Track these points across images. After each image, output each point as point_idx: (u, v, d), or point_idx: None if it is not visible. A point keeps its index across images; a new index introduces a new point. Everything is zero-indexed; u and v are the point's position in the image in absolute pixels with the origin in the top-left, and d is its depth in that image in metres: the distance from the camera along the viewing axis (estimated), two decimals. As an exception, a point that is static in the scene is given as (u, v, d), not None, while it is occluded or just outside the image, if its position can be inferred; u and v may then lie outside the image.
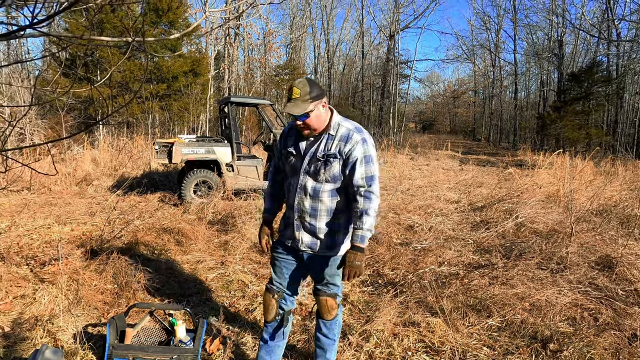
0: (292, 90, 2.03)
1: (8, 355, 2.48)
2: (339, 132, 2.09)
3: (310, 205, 2.11)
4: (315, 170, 2.09)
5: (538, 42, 29.12)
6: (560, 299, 3.26)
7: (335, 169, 2.07)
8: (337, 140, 2.08)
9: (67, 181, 7.97)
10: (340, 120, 2.14)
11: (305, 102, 2.01)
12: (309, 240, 2.16)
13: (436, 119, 45.77)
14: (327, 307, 2.25)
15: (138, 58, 13.73)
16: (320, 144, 2.10)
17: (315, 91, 2.03)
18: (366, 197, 2.03)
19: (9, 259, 3.84)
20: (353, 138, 2.07)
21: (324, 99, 2.07)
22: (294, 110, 2.01)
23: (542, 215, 5.55)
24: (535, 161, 11.66)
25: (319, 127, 2.09)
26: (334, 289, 2.25)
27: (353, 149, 2.05)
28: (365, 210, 2.01)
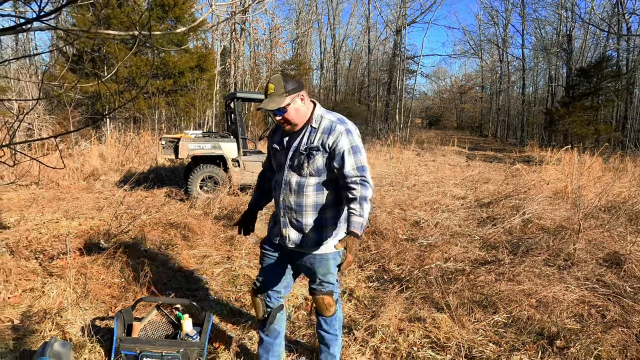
0: (268, 86, 2.01)
1: (18, 348, 2.52)
2: (322, 124, 2.05)
3: (295, 201, 2.07)
4: (299, 164, 2.05)
5: (547, 36, 28.85)
6: (568, 296, 3.24)
7: (319, 162, 2.02)
8: (319, 133, 2.03)
9: (75, 176, 8.03)
10: (323, 112, 2.10)
11: (280, 97, 1.97)
12: (295, 236, 2.12)
13: (443, 115, 45.50)
14: (325, 304, 2.23)
15: (145, 54, 13.77)
16: (303, 137, 2.06)
17: (290, 85, 1.99)
18: (362, 185, 1.97)
19: (18, 252, 3.88)
20: (336, 129, 2.02)
21: (301, 92, 2.03)
22: (269, 106, 1.98)
23: (550, 211, 5.51)
24: (543, 157, 11.56)
25: (299, 121, 2.05)
26: (329, 286, 2.22)
27: (338, 141, 2.00)
28: (364, 198, 1.95)
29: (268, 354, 2.33)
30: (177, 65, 13.57)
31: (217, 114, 15.75)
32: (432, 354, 2.63)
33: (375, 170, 10.28)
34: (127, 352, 2.37)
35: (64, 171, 7.93)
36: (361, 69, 33.00)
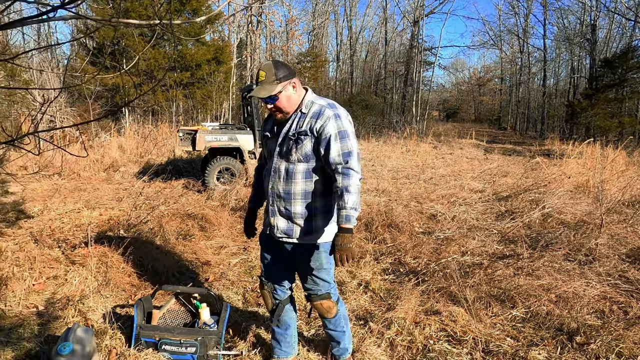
0: (258, 73, 1.96)
1: (42, 333, 2.60)
2: (312, 109, 2.00)
3: (284, 189, 2.02)
4: (287, 150, 2.00)
5: (569, 26, 28.03)
6: (588, 291, 3.18)
7: (307, 148, 1.97)
8: (308, 118, 1.98)
9: (95, 167, 8.20)
10: (314, 98, 2.04)
11: (271, 84, 1.93)
12: (284, 226, 2.07)
13: (460, 107, 44.81)
14: (324, 309, 2.18)
15: (162, 46, 13.91)
16: (293, 123, 2.01)
17: (282, 72, 1.94)
18: (344, 174, 1.91)
19: (42, 241, 3.99)
20: (325, 114, 1.96)
21: (293, 79, 1.98)
22: (260, 93, 1.93)
23: (571, 205, 5.40)
24: (564, 151, 11.31)
25: (291, 109, 2.01)
26: (325, 286, 2.13)
27: (325, 125, 1.94)
28: (345, 188, 1.89)
29: (280, 345, 2.35)
30: (194, 57, 13.67)
31: (233, 106, 15.84)
32: (449, 348, 2.62)
33: (391, 163, 10.21)
34: (147, 339, 2.42)
35: (85, 162, 8.11)
36: (378, 61, 32.67)
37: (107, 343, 2.48)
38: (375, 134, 16.90)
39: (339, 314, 2.24)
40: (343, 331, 2.31)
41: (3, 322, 2.67)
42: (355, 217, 1.90)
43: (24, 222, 4.67)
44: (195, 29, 13.68)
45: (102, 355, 2.39)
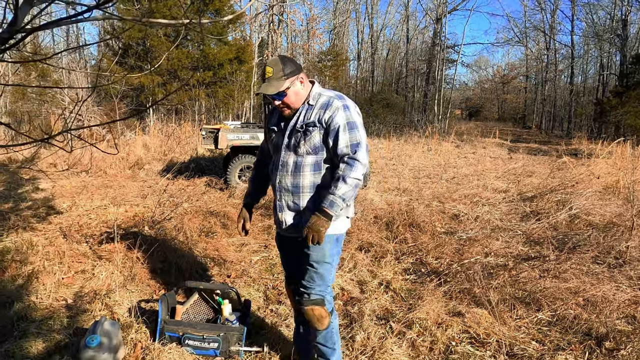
0: (264, 70, 1.92)
1: (71, 325, 2.68)
2: (319, 100, 1.97)
3: (292, 182, 1.99)
4: (295, 143, 1.96)
5: (599, 22, 27.13)
6: (618, 295, 3.08)
7: (315, 139, 1.94)
8: (316, 109, 1.95)
9: (121, 165, 8.40)
10: (321, 90, 2.02)
11: (279, 80, 1.89)
12: (292, 220, 2.03)
13: (483, 106, 43.98)
14: (315, 316, 2.03)
15: (186, 46, 14.14)
16: (300, 115, 1.98)
17: (289, 67, 1.91)
18: (348, 164, 1.88)
19: (71, 236, 4.12)
20: (333, 104, 1.93)
21: (300, 75, 1.95)
22: (268, 90, 1.89)
23: (599, 207, 5.24)
24: (592, 150, 10.96)
25: (299, 104, 1.98)
26: (321, 285, 2.02)
27: (334, 115, 1.91)
28: (344, 177, 1.87)
29: (303, 342, 2.33)
30: (216, 57, 13.85)
31: (254, 105, 15.97)
32: (472, 350, 2.58)
33: (412, 162, 10.11)
34: (171, 334, 2.47)
35: (111, 160, 8.32)
36: (399, 59, 32.40)
37: (132, 336, 2.54)
38: (397, 133, 16.76)
39: (331, 327, 2.11)
40: (333, 348, 2.15)
41: (34, 314, 2.77)
42: (339, 208, 1.88)
43: (54, 218, 4.82)
44: (217, 29, 13.86)
45: (127, 348, 2.45)
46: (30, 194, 5.89)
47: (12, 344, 2.42)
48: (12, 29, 0.66)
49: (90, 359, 2.15)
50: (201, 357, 2.46)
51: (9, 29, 0.66)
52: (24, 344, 2.43)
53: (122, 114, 11.55)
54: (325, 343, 2.14)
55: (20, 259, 3.48)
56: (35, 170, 6.85)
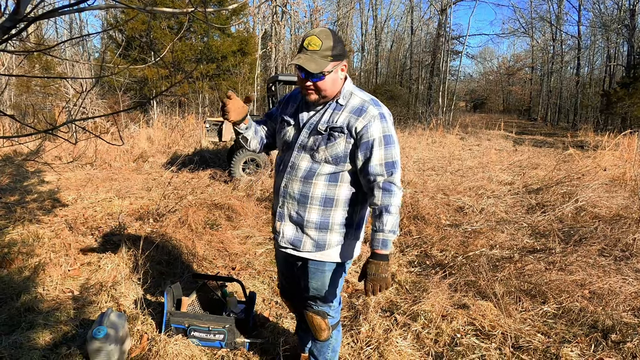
0: (309, 40, 1.56)
1: (77, 317, 2.69)
2: (351, 102, 1.66)
3: (300, 190, 1.70)
4: (313, 145, 1.66)
5: (606, 12, 26.76)
6: (625, 288, 3.06)
7: (339, 147, 1.64)
8: (346, 112, 1.64)
9: (125, 158, 8.42)
10: (353, 89, 1.71)
11: (324, 60, 1.56)
12: (291, 234, 1.76)
13: (488, 98, 43.67)
14: (314, 325, 1.88)
15: (189, 38, 14.09)
16: (324, 114, 1.67)
17: (338, 49, 1.59)
18: (385, 190, 1.61)
19: (76, 229, 4.14)
20: (368, 111, 1.62)
21: (344, 62, 1.64)
22: (309, 66, 1.54)
23: (606, 199, 5.20)
24: (598, 142, 10.88)
25: (331, 94, 1.66)
26: (323, 307, 1.86)
27: (369, 126, 1.60)
28: (386, 207, 1.60)
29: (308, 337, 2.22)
30: (220, 49, 13.80)
31: (258, 98, 15.92)
32: (477, 342, 2.57)
33: (417, 155, 10.07)
34: (177, 326, 2.48)
35: (116, 153, 8.34)
36: (403, 50, 32.15)
37: (138, 328, 2.56)
38: (401, 125, 16.69)
39: (329, 342, 1.95)
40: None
41: (41, 306, 2.79)
42: (392, 242, 1.64)
43: (59, 210, 4.84)
44: (221, 20, 13.79)
45: (134, 339, 2.46)
46: (36, 187, 5.92)
47: (19, 335, 2.44)
48: (14, 17, 0.65)
49: (97, 349, 2.16)
50: (207, 349, 2.47)
51: (12, 18, 0.65)
52: (31, 335, 2.45)
53: (126, 106, 11.56)
54: (317, 355, 2.00)
55: (27, 251, 3.50)
56: (41, 163, 6.87)
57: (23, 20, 0.65)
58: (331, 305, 1.88)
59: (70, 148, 8.24)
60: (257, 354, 2.44)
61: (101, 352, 2.17)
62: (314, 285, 1.81)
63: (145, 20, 11.88)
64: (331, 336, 1.93)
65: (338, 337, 2.01)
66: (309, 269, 1.80)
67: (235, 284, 3.02)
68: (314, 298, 1.85)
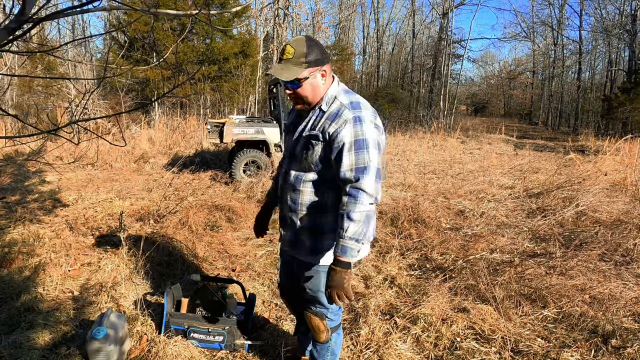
0: (284, 49, 1.60)
1: (77, 317, 2.69)
2: (331, 107, 1.65)
3: (292, 197, 1.73)
4: (299, 153, 1.69)
5: (608, 17, 26.80)
6: (625, 293, 3.06)
7: (317, 154, 1.63)
8: (324, 118, 1.64)
9: (126, 158, 8.43)
10: (337, 92, 1.68)
11: (298, 66, 1.58)
12: (291, 238, 1.82)
13: (489, 101, 43.67)
14: (312, 326, 1.90)
15: (191, 40, 14.12)
16: (309, 122, 1.69)
17: (314, 54, 1.59)
18: (351, 195, 1.56)
19: (77, 229, 4.14)
20: (342, 115, 1.59)
21: (325, 67, 1.63)
22: (282, 75, 1.58)
23: (607, 204, 5.19)
24: (599, 147, 10.87)
25: (315, 100, 1.67)
26: (321, 308, 1.86)
27: (339, 130, 1.58)
28: (348, 213, 1.55)
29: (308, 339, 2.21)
30: (222, 51, 13.83)
31: (259, 100, 15.95)
32: (477, 346, 2.57)
33: (418, 158, 10.07)
34: (176, 327, 2.48)
35: (117, 154, 8.34)
36: (405, 54, 32.20)
37: (138, 329, 2.55)
38: (402, 128, 16.70)
39: (328, 345, 1.95)
40: None
41: (41, 306, 2.79)
42: (355, 251, 1.57)
43: (60, 210, 4.85)
44: (223, 22, 13.82)
45: (133, 340, 2.46)
46: (37, 187, 5.92)
47: (19, 335, 2.44)
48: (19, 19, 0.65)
49: (96, 350, 2.16)
50: (206, 350, 2.47)
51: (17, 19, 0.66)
52: (31, 334, 2.45)
53: (128, 107, 11.58)
54: (317, 357, 2.00)
55: (27, 251, 3.50)
56: (42, 163, 6.88)
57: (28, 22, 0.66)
58: (328, 308, 1.87)
59: (71, 148, 8.25)
60: (256, 356, 2.44)
61: (100, 353, 2.17)
62: (309, 286, 1.82)
63: (148, 21, 11.91)
64: (330, 339, 1.94)
65: (338, 340, 2.01)
66: (306, 272, 1.82)
67: (235, 286, 3.02)
68: (311, 300, 1.87)
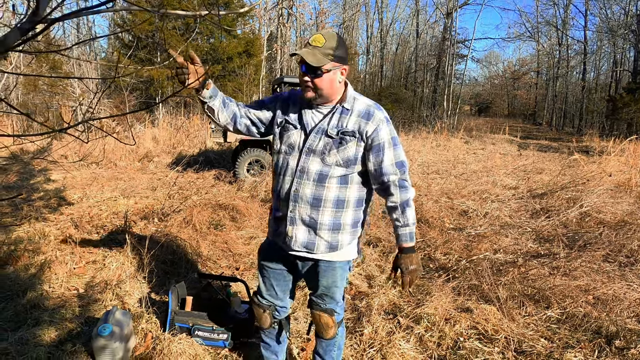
0: (315, 37, 1.64)
1: (83, 314, 2.72)
2: (356, 106, 1.73)
3: (313, 193, 1.72)
4: (324, 149, 1.71)
5: (613, 17, 26.67)
6: (630, 294, 3.05)
7: (350, 151, 1.70)
8: (354, 116, 1.71)
9: (131, 157, 8.47)
10: (355, 94, 1.79)
11: (325, 57, 1.62)
12: (304, 238, 1.77)
13: (493, 102, 43.56)
14: (322, 324, 1.93)
15: (195, 39, 14.16)
16: (333, 119, 1.72)
17: (341, 51, 1.65)
18: (402, 187, 1.72)
19: (82, 227, 4.17)
20: (376, 116, 1.70)
21: (346, 66, 1.70)
22: (308, 58, 1.60)
23: (611, 205, 5.18)
24: (604, 148, 10.84)
25: (328, 94, 1.70)
26: (331, 303, 1.91)
27: (378, 129, 1.69)
28: (406, 202, 1.72)
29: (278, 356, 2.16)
30: (225, 50, 13.86)
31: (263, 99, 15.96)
32: (480, 346, 2.57)
33: (421, 158, 10.07)
34: (181, 325, 2.50)
35: (121, 152, 8.39)
36: (408, 53, 32.14)
37: (143, 326, 2.57)
38: (405, 128, 16.68)
39: (335, 340, 2.00)
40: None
41: (47, 303, 2.81)
42: (414, 234, 1.77)
43: (65, 209, 4.88)
44: (227, 22, 13.85)
45: (138, 337, 2.48)
46: (42, 185, 5.96)
47: (25, 332, 2.46)
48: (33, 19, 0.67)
49: (102, 347, 2.18)
50: (210, 348, 2.48)
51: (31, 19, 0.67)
52: (37, 331, 2.47)
53: (132, 106, 11.63)
54: (324, 355, 2.02)
55: (33, 249, 3.53)
56: (49, 162, 6.93)
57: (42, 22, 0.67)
58: (338, 302, 1.94)
59: (76, 147, 8.30)
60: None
61: (106, 350, 2.19)
62: (324, 283, 1.86)
63: (152, 21, 11.96)
64: (337, 333, 1.99)
65: (342, 333, 2.07)
66: (320, 269, 1.84)
67: (239, 284, 3.04)
68: (321, 296, 1.90)
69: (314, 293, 1.93)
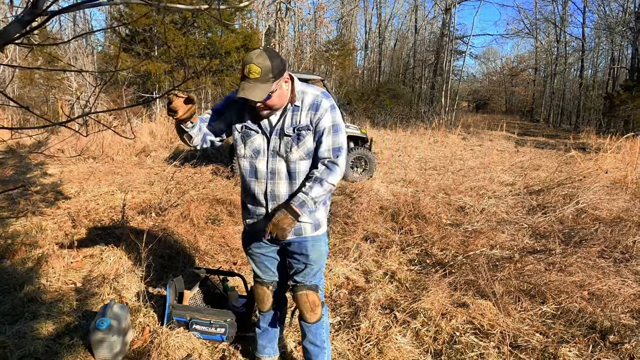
0: (249, 68, 1.65)
1: (80, 308, 2.72)
2: (305, 100, 1.82)
3: (287, 190, 1.86)
4: (286, 148, 1.81)
5: (611, 14, 26.67)
6: (624, 290, 3.08)
7: (308, 143, 1.82)
8: (305, 110, 1.81)
9: (128, 152, 8.44)
10: (302, 87, 1.86)
11: (266, 83, 1.66)
12: None
13: (491, 98, 43.57)
14: (309, 303, 1.97)
15: (192, 34, 14.08)
16: (286, 118, 1.82)
17: (276, 66, 1.68)
18: (327, 167, 1.80)
19: (79, 221, 4.16)
20: (322, 105, 1.81)
21: (286, 74, 1.76)
22: (253, 95, 1.66)
23: (607, 201, 5.21)
24: (601, 145, 10.88)
25: (281, 104, 1.80)
26: (314, 279, 2.00)
27: (322, 117, 1.80)
28: (320, 179, 1.78)
29: (271, 343, 2.26)
30: (223, 45, 13.77)
31: (261, 94, 15.92)
32: (475, 340, 2.59)
33: (419, 154, 10.08)
34: (179, 319, 2.51)
35: (118, 147, 8.36)
36: (407, 49, 32.10)
37: (140, 320, 2.58)
38: (403, 124, 16.68)
39: (323, 320, 2.04)
40: (322, 347, 2.06)
41: (44, 297, 2.81)
42: (308, 210, 1.80)
43: (62, 203, 4.87)
44: (225, 16, 13.77)
45: (136, 331, 2.49)
46: (39, 179, 5.94)
47: (23, 325, 2.46)
48: (34, 11, 0.66)
49: (99, 340, 2.19)
50: (208, 342, 2.49)
51: (31, 12, 0.67)
52: (34, 325, 2.47)
53: (129, 100, 11.58)
54: (314, 340, 2.05)
55: (30, 243, 3.52)
56: (45, 156, 6.90)
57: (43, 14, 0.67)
58: (320, 279, 2.04)
59: (73, 141, 8.26)
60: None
61: (104, 343, 2.20)
62: (313, 257, 1.95)
63: (150, 15, 11.87)
64: (322, 314, 2.04)
65: (326, 312, 2.12)
66: (308, 245, 1.93)
67: (236, 279, 3.05)
68: (306, 275, 1.98)
69: (298, 273, 1.99)
